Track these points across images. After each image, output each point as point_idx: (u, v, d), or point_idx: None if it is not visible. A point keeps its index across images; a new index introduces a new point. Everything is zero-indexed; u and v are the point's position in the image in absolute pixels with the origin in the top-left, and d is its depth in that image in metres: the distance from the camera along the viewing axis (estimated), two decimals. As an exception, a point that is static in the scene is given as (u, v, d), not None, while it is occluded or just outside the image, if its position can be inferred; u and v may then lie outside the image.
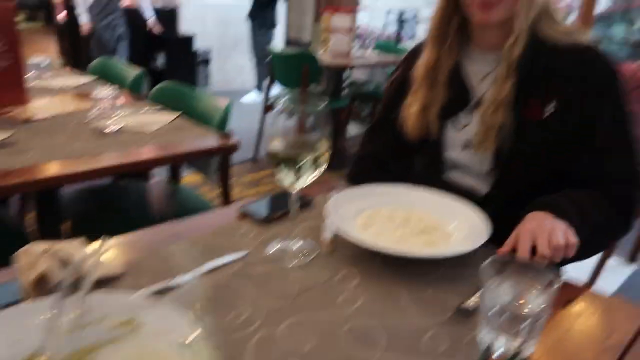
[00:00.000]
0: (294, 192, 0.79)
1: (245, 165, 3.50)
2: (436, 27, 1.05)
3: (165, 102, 1.73)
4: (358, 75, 4.22)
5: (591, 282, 1.61)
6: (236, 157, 1.47)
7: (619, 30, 4.10)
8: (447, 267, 0.79)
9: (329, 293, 0.71)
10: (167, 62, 5.09)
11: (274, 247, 0.82)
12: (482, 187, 1.07)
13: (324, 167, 0.75)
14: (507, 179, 1.02)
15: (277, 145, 0.74)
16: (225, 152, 1.46)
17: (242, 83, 5.65)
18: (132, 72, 2.12)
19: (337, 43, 3.39)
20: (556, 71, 0.95)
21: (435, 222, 0.91)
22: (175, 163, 1.72)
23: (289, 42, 7.38)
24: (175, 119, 1.55)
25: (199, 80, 5.47)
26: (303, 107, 0.72)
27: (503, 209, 1.01)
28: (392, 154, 1.17)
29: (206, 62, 5.50)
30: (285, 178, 0.75)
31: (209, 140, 1.43)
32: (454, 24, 1.03)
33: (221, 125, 1.55)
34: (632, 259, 2.53)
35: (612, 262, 2.41)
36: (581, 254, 0.83)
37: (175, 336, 0.48)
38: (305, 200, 0.99)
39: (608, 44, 4.13)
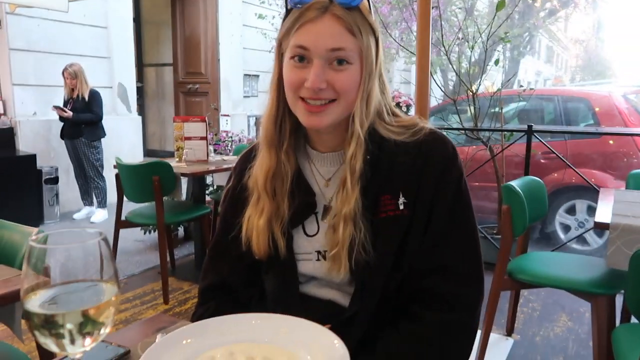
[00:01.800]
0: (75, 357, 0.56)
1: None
2: (270, 131, 0.93)
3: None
4: (222, 179, 4.09)
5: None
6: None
7: (454, 120, 4.59)
8: None
9: None
10: (4, 185, 4.53)
11: None
12: (343, 298, 0.94)
13: (109, 326, 0.54)
14: (368, 288, 0.89)
15: (36, 299, 0.52)
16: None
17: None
18: None
19: (192, 150, 3.27)
20: (399, 165, 0.89)
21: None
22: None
23: (148, 153, 7.14)
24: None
25: (47, 200, 4.92)
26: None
27: (368, 323, 0.88)
28: (240, 277, 0.99)
29: (54, 180, 4.99)
30: (51, 345, 0.52)
31: (8, 283, 1.12)
32: (287, 127, 0.93)
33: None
34: (509, 332, 2.56)
35: (492, 338, 2.43)
36: None
37: None
38: (119, 353, 0.75)
39: (446, 133, 4.60)
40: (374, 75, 0.88)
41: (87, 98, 4.59)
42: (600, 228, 1.77)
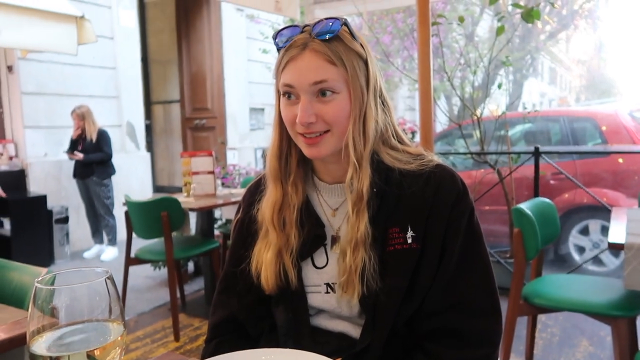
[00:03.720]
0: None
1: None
2: (274, 165, 0.94)
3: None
4: (230, 213, 4.10)
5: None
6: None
7: (460, 144, 4.59)
8: None
9: None
10: (16, 226, 4.58)
11: None
12: (354, 330, 0.93)
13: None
14: (378, 320, 0.87)
15: (42, 341, 0.51)
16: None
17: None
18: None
19: (200, 185, 3.29)
20: (406, 198, 0.88)
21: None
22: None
23: (157, 189, 7.19)
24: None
25: (57, 240, 4.95)
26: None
27: (380, 356, 0.87)
28: (249, 312, 0.98)
29: (64, 220, 5.04)
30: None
31: (17, 325, 1.11)
32: (292, 159, 0.94)
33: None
34: (529, 358, 2.49)
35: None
36: None
37: None
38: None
39: (453, 157, 4.60)
40: (366, 99, 0.88)
41: (95, 138, 4.66)
42: (614, 249, 1.74)
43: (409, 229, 0.87)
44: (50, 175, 5.13)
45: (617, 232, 1.87)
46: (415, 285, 0.86)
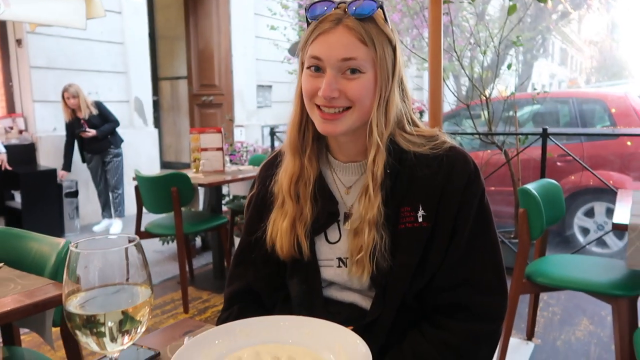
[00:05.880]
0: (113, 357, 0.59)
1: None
2: (294, 138, 0.97)
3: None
4: (238, 189, 4.14)
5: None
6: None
7: (467, 125, 4.58)
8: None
9: None
10: (26, 199, 4.65)
11: None
12: (364, 301, 0.97)
13: (145, 325, 0.57)
14: (388, 294, 0.91)
15: (76, 301, 0.55)
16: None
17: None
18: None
19: (208, 161, 3.32)
20: (418, 179, 0.91)
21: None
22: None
23: (164, 165, 7.23)
24: (-5, 271, 1.26)
25: (67, 214, 5.03)
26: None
27: (389, 330, 0.91)
28: (265, 283, 1.02)
29: (74, 193, 5.11)
30: (92, 344, 0.55)
31: (39, 291, 1.16)
32: (309, 134, 0.97)
33: (58, 271, 1.29)
34: (529, 337, 2.54)
35: (512, 342, 2.41)
36: None
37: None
38: (150, 356, 0.78)
39: (461, 138, 4.59)
40: (391, 84, 0.89)
41: (95, 111, 4.66)
42: (618, 229, 1.76)
43: (420, 208, 0.90)
44: (60, 150, 5.16)
45: (622, 213, 1.89)
46: (426, 262, 0.90)
